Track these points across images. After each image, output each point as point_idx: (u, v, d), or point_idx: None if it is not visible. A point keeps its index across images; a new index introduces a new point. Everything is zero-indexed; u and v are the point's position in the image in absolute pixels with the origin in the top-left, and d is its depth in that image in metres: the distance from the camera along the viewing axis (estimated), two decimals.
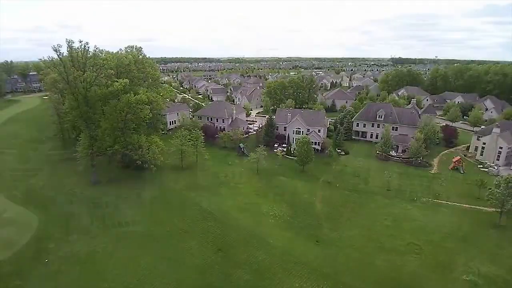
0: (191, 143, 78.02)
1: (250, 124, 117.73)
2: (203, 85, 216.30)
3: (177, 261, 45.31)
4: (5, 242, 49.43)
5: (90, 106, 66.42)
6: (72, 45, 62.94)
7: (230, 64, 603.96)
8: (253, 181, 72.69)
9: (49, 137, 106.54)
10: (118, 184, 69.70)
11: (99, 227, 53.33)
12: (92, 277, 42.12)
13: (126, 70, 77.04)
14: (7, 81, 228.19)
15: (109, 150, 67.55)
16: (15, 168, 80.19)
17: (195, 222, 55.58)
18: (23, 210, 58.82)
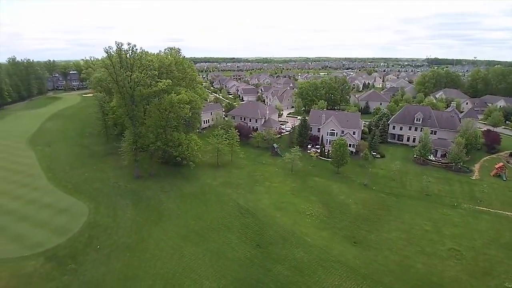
0: (227, 142, 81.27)
1: (282, 125, 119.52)
2: (233, 85, 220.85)
3: (218, 254, 48.21)
4: (61, 228, 54.84)
5: (135, 104, 71.39)
6: (122, 47, 67.95)
7: (258, 64, 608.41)
8: (288, 180, 74.52)
9: (92, 132, 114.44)
10: (159, 179, 74.27)
11: (144, 218, 57.60)
12: (141, 263, 45.94)
13: (167, 71, 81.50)
14: (49, 79, 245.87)
15: (152, 146, 72.11)
16: (63, 161, 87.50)
17: (233, 217, 58.39)
18: (74, 200, 64.56)
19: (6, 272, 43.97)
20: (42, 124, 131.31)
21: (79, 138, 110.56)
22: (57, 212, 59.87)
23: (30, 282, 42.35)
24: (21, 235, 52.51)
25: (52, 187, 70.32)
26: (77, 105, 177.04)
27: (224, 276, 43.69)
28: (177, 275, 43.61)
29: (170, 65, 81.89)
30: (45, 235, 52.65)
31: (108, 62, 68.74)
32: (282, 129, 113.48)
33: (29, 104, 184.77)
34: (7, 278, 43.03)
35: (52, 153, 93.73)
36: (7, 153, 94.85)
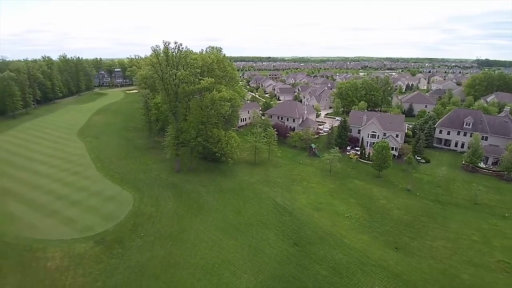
0: (264, 140, 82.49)
1: (320, 125, 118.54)
2: (270, 84, 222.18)
3: (256, 249, 49.42)
4: (108, 214, 59.10)
5: (179, 101, 74.82)
6: (169, 45, 71.55)
7: (295, 64, 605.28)
8: (326, 181, 74.08)
9: (135, 127, 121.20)
10: (198, 173, 77.27)
11: (185, 210, 60.40)
12: (182, 252, 48.37)
13: (209, 69, 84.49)
14: (95, 76, 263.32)
15: (192, 142, 75.14)
16: (110, 152, 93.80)
17: (270, 215, 59.37)
18: (120, 189, 69.13)
19: (59, 253, 48.35)
20: (90, 118, 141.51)
21: (124, 132, 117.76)
22: (105, 199, 64.57)
23: (81, 263, 46.26)
24: (73, 219, 57.35)
25: (101, 176, 75.83)
26: (121, 101, 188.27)
27: (261, 271, 44.75)
28: (216, 266, 45.41)
29: (212, 64, 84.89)
30: (94, 220, 57.07)
31: (155, 60, 72.69)
32: (320, 130, 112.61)
33: (78, 99, 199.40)
34: (60, 258, 47.33)
35: (100, 145, 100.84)
36: (59, 143, 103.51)
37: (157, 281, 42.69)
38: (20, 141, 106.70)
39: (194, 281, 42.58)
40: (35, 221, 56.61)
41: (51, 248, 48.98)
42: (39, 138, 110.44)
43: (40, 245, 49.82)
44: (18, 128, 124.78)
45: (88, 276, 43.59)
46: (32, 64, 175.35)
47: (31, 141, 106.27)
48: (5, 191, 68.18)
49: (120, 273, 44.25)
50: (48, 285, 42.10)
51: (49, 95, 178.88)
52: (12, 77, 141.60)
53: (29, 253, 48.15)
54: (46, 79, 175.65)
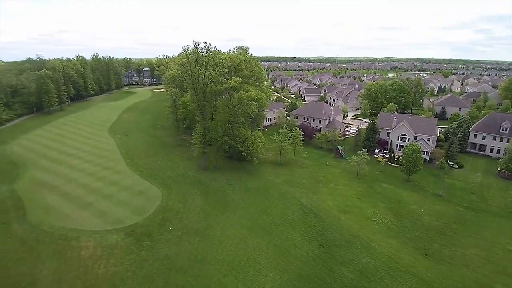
0: (290, 141, 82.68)
1: (347, 127, 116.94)
2: (295, 84, 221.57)
3: (282, 248, 49.81)
4: (138, 208, 61.55)
5: (207, 100, 76.59)
6: (198, 45, 73.48)
7: (321, 64, 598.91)
8: (353, 184, 73.19)
9: (162, 125, 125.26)
10: (224, 171, 78.70)
11: (211, 207, 61.80)
12: (209, 248, 49.62)
13: (237, 69, 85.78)
14: (125, 75, 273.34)
15: (219, 140, 76.63)
16: (139, 149, 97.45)
17: (295, 215, 59.54)
18: (149, 185, 71.71)
19: (92, 242, 50.99)
20: (120, 115, 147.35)
21: (152, 130, 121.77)
22: (135, 194, 67.29)
23: (112, 253, 48.59)
24: (105, 212, 60.24)
25: (130, 171, 79.00)
26: (149, 100, 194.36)
27: (287, 271, 45.08)
28: (242, 263, 46.25)
29: (240, 64, 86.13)
30: (125, 213, 59.66)
31: (185, 60, 74.84)
32: (346, 131, 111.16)
33: (108, 97, 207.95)
34: (93, 247, 49.92)
35: (129, 142, 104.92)
36: (92, 139, 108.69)
37: (184, 274, 44.09)
38: (55, 136, 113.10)
39: (221, 277, 43.63)
40: (70, 212, 59.99)
41: (85, 238, 51.81)
42: (73, 133, 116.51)
43: (75, 234, 52.81)
44: (53, 124, 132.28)
45: (120, 266, 45.75)
46: (67, 63, 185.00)
47: (65, 136, 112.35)
48: (42, 183, 72.65)
49: (149, 264, 46.10)
50: (82, 272, 44.58)
51: (82, 93, 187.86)
52: (48, 75, 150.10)
53: (64, 241, 51.15)
54: (80, 77, 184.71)
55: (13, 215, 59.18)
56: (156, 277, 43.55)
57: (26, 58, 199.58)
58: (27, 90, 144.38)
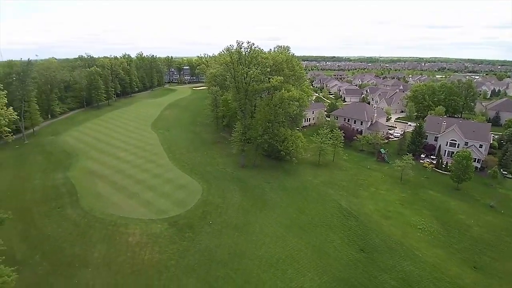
0: (330, 142, 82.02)
1: (390, 130, 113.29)
2: (335, 84, 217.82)
3: (321, 250, 49.98)
4: (180, 201, 64.63)
5: (248, 99, 78.31)
6: (242, 45, 75.34)
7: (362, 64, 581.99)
8: (396, 189, 71.09)
9: (202, 122, 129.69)
10: (262, 170, 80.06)
11: (250, 204, 63.35)
12: (248, 244, 51.07)
13: (278, 68, 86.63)
14: (166, 73, 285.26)
15: (259, 139, 78.04)
16: (180, 144, 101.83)
17: (335, 218, 59.24)
18: (190, 179, 74.90)
19: (138, 230, 54.57)
20: (162, 112, 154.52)
21: (192, 126, 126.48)
22: (177, 187, 70.69)
23: (157, 241, 51.69)
24: (150, 202, 64.01)
25: (172, 165, 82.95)
26: (189, 97, 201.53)
27: (326, 273, 45.22)
28: (280, 261, 47.12)
29: (281, 63, 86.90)
30: (168, 205, 62.99)
31: (228, 59, 77.08)
32: (390, 134, 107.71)
33: (151, 94, 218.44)
34: (139, 234, 53.42)
35: (171, 137, 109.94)
36: (136, 133, 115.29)
37: (224, 267, 45.88)
38: (103, 129, 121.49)
39: (260, 272, 44.84)
40: (118, 200, 64.53)
41: (132, 225, 55.60)
42: (119, 127, 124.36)
43: (123, 221, 56.85)
44: (102, 118, 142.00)
45: (164, 254, 48.67)
46: (115, 60, 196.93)
47: (112, 130, 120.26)
48: (93, 172, 78.70)
49: (191, 255, 48.52)
50: (130, 257, 48.01)
51: (127, 89, 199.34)
52: (98, 72, 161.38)
53: (114, 227, 55.27)
54: (126, 74, 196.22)
55: (67, 200, 64.88)
56: (198, 267, 45.77)
57: (78, 56, 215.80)
58: (78, 86, 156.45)
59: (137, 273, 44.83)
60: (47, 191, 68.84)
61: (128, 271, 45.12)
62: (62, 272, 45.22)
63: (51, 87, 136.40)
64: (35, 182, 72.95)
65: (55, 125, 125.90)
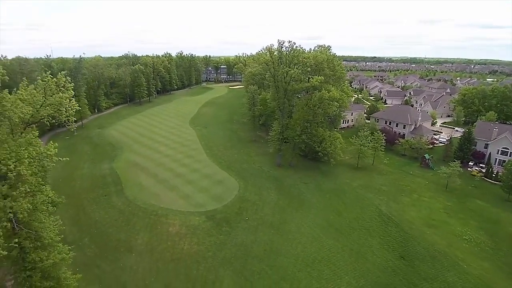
0: (371, 144, 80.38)
1: (435, 135, 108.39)
2: (375, 86, 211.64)
3: (358, 253, 49.47)
4: (217, 196, 66.74)
5: (287, 98, 78.96)
6: (283, 44, 76.17)
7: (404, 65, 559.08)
8: (440, 197, 68.19)
9: (238, 120, 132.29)
10: (298, 170, 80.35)
11: (286, 203, 64.02)
12: (284, 242, 51.77)
13: (319, 68, 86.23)
14: (204, 71, 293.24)
15: (296, 139, 78.37)
16: (217, 141, 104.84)
17: (374, 222, 58.18)
18: (227, 175, 76.98)
19: (178, 221, 57.21)
20: (199, 109, 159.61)
21: (228, 124, 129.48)
22: (214, 182, 73.05)
23: (195, 233, 53.96)
24: (188, 195, 66.76)
25: (210, 161, 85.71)
26: (226, 95, 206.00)
27: (363, 277, 44.74)
28: (316, 262, 47.33)
29: (321, 62, 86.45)
30: (206, 199, 65.35)
31: (269, 58, 78.23)
32: (435, 139, 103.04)
33: (189, 92, 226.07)
34: (179, 225, 56.03)
35: (208, 134, 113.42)
36: (176, 129, 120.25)
37: (260, 263, 46.96)
38: (145, 124, 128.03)
39: (295, 271, 45.39)
40: (159, 192, 68.02)
41: (172, 216, 58.47)
42: (159, 123, 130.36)
43: (164, 212, 59.95)
44: (143, 113, 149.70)
45: (202, 245, 50.80)
46: (156, 59, 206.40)
47: (153, 125, 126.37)
48: (135, 164, 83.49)
49: (227, 248, 50.17)
50: (170, 246, 50.65)
51: (167, 87, 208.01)
52: (141, 70, 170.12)
53: (155, 217, 58.46)
54: (166, 72, 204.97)
55: (113, 189, 69.51)
56: (234, 261, 47.27)
57: (123, 54, 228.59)
58: (123, 83, 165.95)
59: (176, 261, 47.26)
60: (95, 179, 74.23)
61: (169, 259, 47.68)
62: (108, 255, 48.79)
63: (98, 83, 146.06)
64: (84, 171, 78.94)
65: (101, 119, 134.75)
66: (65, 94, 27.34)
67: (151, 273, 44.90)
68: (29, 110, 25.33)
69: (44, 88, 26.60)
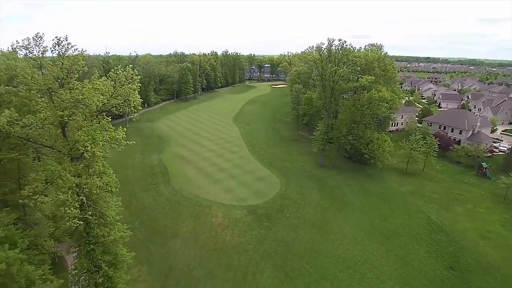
0: (422, 149, 77.19)
1: (494, 142, 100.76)
2: (429, 88, 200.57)
3: (404, 260, 48.26)
4: (259, 192, 68.39)
5: (334, 98, 78.44)
6: (333, 43, 75.75)
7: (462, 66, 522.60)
8: (497, 209, 63.73)
9: (280, 119, 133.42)
10: (342, 171, 79.53)
11: (329, 203, 63.95)
12: (325, 242, 51.96)
13: (369, 67, 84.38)
14: (247, 70, 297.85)
15: (342, 140, 77.54)
16: (259, 139, 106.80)
17: (421, 230, 56.18)
18: (269, 172, 78.44)
19: (221, 213, 59.70)
20: (242, 107, 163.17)
21: (271, 122, 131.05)
22: (256, 178, 74.86)
23: (237, 225, 56.03)
24: (231, 189, 69.18)
25: (253, 158, 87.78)
26: (269, 94, 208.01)
27: (408, 284, 43.69)
28: (359, 264, 47.00)
29: (372, 62, 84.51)
30: (248, 194, 67.31)
31: (318, 56, 78.23)
32: (494, 147, 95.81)
33: (232, 90, 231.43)
34: (222, 217, 58.49)
35: (251, 131, 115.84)
36: (219, 126, 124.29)
37: (301, 260, 47.68)
38: (190, 119, 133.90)
39: (336, 271, 45.50)
40: (203, 184, 71.30)
41: (215, 208, 61.17)
42: (204, 119, 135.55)
43: (207, 203, 62.89)
44: (189, 109, 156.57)
45: (243, 238, 52.73)
46: (203, 57, 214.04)
47: (198, 121, 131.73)
48: (182, 157, 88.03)
49: (268, 243, 51.52)
50: (213, 236, 53.20)
51: (211, 84, 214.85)
52: (188, 67, 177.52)
53: (199, 208, 61.53)
54: (212, 70, 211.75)
55: (161, 179, 74.09)
56: (275, 255, 48.49)
57: (171, 53, 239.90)
58: (171, 79, 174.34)
59: (219, 250, 49.59)
60: (145, 169, 79.63)
61: (212, 248, 50.17)
62: (156, 239, 52.53)
63: (149, 80, 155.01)
64: (135, 161, 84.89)
65: (151, 113, 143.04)
66: (133, 85, 30.35)
67: (195, 259, 47.63)
68: (102, 99, 28.58)
69: (115, 79, 29.76)
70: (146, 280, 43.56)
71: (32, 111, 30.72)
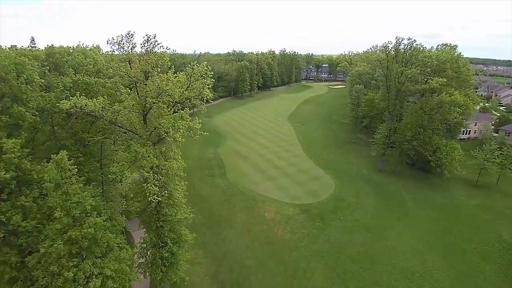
0: (498, 161, 71.02)
1: None
2: (508, 95, 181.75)
3: (467, 276, 45.44)
4: (312, 192, 68.72)
5: (399, 100, 75.52)
6: (401, 42, 72.95)
7: None
8: None
9: (337, 120, 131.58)
10: (402, 178, 76.37)
11: (386, 210, 62.18)
12: (381, 248, 50.75)
13: (440, 69, 79.63)
14: (304, 70, 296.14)
15: (406, 145, 74.33)
16: (315, 139, 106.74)
17: (491, 247, 52.10)
18: (323, 173, 78.27)
19: (273, 208, 61.25)
20: (298, 106, 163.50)
21: (327, 123, 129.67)
22: (310, 178, 75.23)
23: (289, 222, 57.16)
24: (285, 187, 70.45)
25: (307, 158, 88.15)
26: (326, 94, 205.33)
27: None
28: (416, 276, 45.23)
29: (444, 63, 79.68)
30: (301, 192, 68.03)
31: (384, 56, 75.90)
32: None
33: (288, 89, 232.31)
34: (274, 212, 60.03)
35: (306, 131, 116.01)
36: (275, 124, 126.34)
37: (353, 263, 47.28)
38: (246, 117, 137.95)
39: (391, 279, 44.36)
40: (257, 180, 73.62)
41: (268, 203, 62.96)
42: (260, 117, 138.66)
43: (261, 198, 64.95)
44: (245, 106, 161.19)
45: (294, 234, 53.76)
46: (261, 56, 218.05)
47: (254, 118, 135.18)
48: (237, 152, 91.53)
49: (320, 243, 51.84)
50: (265, 229, 55.01)
51: (267, 83, 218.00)
52: (246, 66, 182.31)
53: (253, 202, 63.80)
54: (268, 69, 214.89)
55: (217, 172, 77.98)
56: (327, 256, 48.71)
57: (229, 52, 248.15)
58: (229, 77, 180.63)
59: (270, 244, 51.23)
60: (202, 161, 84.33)
61: (264, 241, 51.97)
62: (212, 227, 55.82)
63: None
64: (194, 153, 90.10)
65: (209, 109, 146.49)
66: (207, 80, 33.15)
67: (248, 250, 49.79)
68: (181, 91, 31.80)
69: (191, 74, 32.80)
70: (201, 263, 46.81)
71: (118, 100, 35.20)
